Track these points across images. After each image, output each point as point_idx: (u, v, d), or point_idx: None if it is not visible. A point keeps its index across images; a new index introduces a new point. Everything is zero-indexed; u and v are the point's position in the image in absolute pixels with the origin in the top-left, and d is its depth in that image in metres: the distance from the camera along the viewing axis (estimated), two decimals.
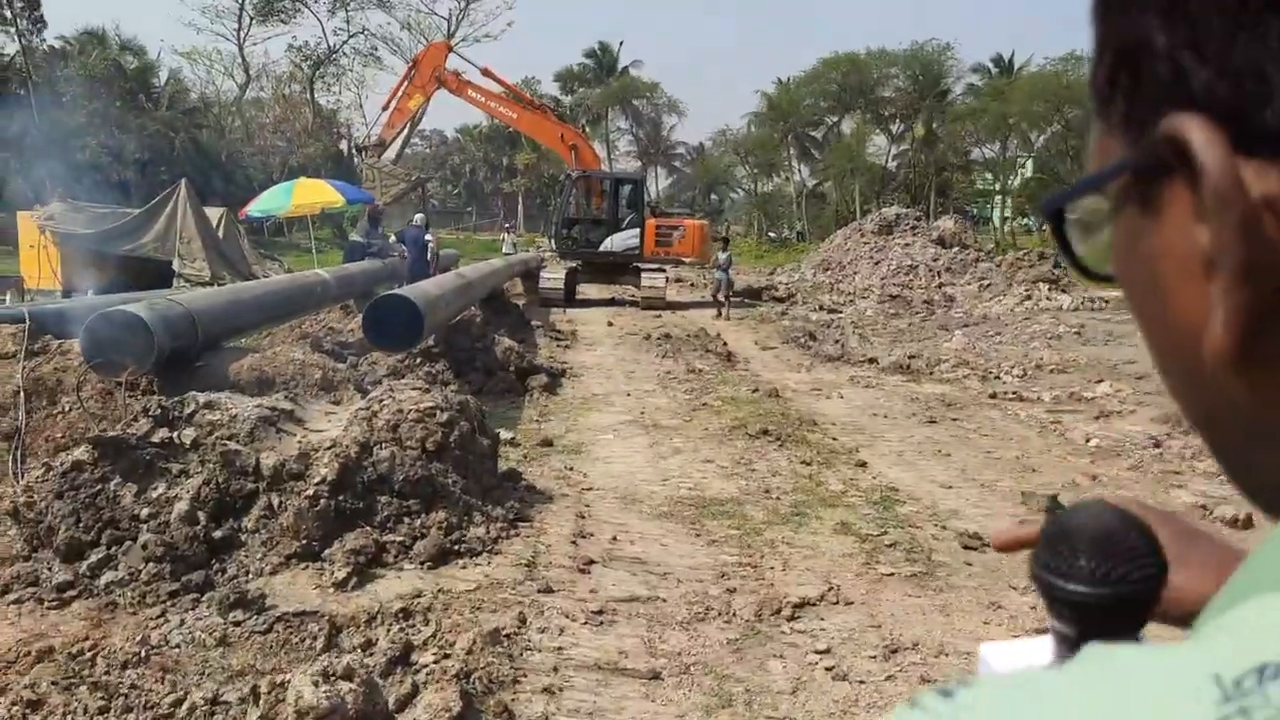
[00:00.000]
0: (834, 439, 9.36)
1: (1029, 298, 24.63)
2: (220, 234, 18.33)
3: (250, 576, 4.68)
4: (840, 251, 32.96)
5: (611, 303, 23.48)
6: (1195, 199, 0.37)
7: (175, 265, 17.06)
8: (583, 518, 6.40)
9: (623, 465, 8.11)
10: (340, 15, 52.84)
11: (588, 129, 57.41)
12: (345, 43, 53.74)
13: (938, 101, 64.14)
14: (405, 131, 54.60)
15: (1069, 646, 0.62)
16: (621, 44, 75.48)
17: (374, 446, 5.30)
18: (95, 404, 7.02)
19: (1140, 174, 0.40)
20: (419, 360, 10.58)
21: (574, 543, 5.71)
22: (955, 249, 30.41)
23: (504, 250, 29.75)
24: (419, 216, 16.96)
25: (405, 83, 22.21)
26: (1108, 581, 0.60)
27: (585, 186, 24.00)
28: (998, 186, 63.78)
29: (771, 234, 70.54)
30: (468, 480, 5.68)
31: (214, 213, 18.72)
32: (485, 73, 23.40)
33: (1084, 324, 18.77)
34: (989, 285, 26.81)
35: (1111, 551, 0.61)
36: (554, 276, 22.20)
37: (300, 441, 5.30)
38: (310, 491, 4.86)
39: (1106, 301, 24.51)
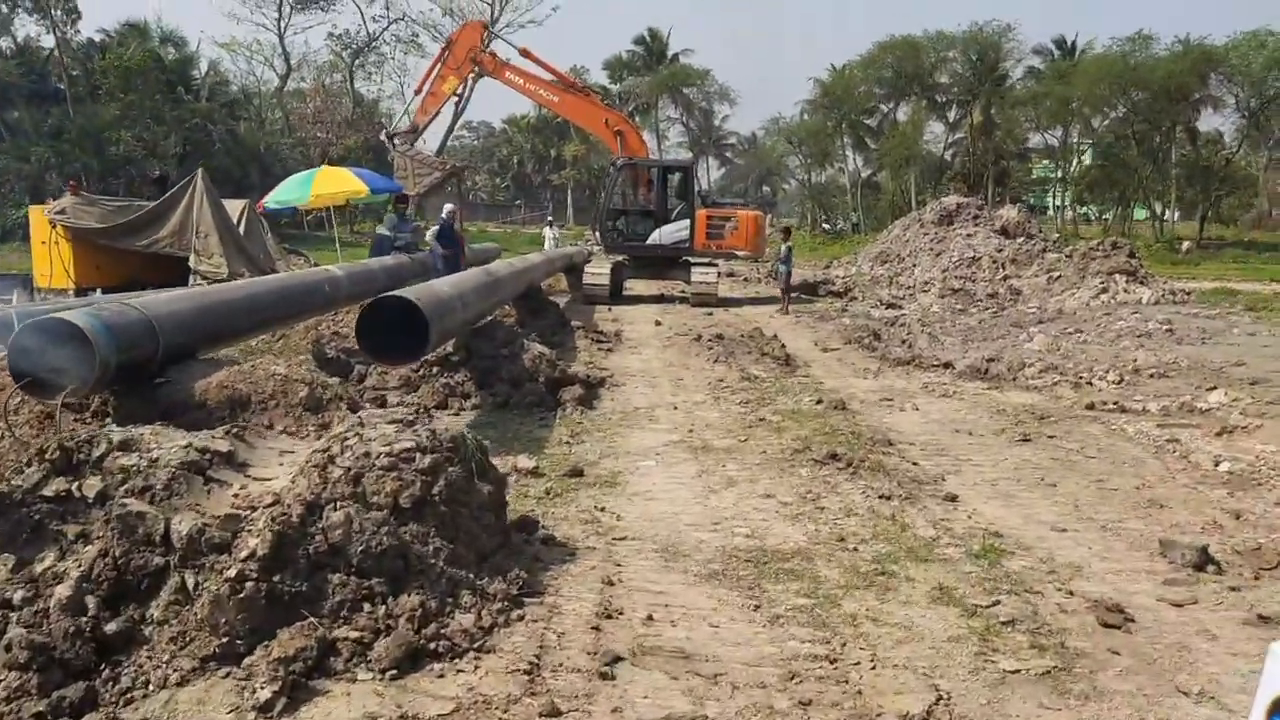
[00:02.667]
0: (914, 463, 7.95)
1: (1105, 290, 22.84)
2: (242, 228, 17.28)
3: (149, 690, 3.44)
4: (899, 243, 31.37)
5: (660, 299, 22.15)
6: None
7: (191, 261, 16.03)
8: (611, 584, 5.08)
9: (665, 503, 6.77)
10: (380, 1, 51.95)
11: (637, 118, 55.89)
12: (385, 29, 52.92)
13: (996, 86, 61.86)
14: (449, 121, 53.71)
15: None
16: (671, 30, 73.87)
17: (326, 506, 4.02)
18: (30, 431, 5.84)
19: None
20: (436, 371, 9.34)
21: (596, 628, 4.40)
22: (1020, 239, 28.70)
23: (546, 244, 28.49)
24: (448, 207, 15.75)
25: (439, 65, 21.01)
26: None
27: (632, 175, 22.66)
28: (1059, 174, 61.34)
29: (826, 225, 68.64)
30: (457, 546, 4.39)
31: (235, 205, 17.69)
32: (524, 54, 22.14)
33: (1171, 319, 17.06)
34: (1058, 278, 25.02)
35: None
36: (598, 272, 20.91)
37: (236, 496, 4.05)
38: (234, 570, 3.60)
39: (1189, 294, 22.76)
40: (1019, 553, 5.94)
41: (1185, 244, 45.82)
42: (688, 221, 21.35)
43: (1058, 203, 65.11)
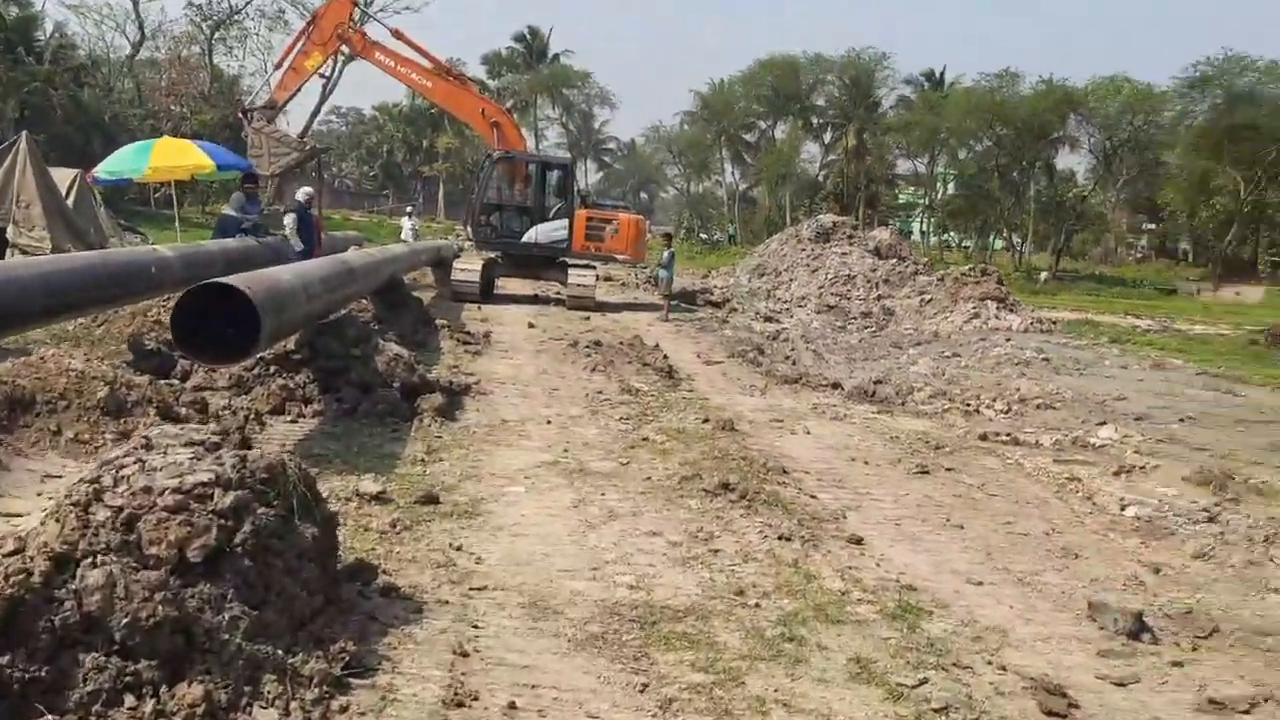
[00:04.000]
0: (812, 496, 7.20)
1: (977, 315, 22.93)
2: (71, 200, 15.49)
3: None
4: (776, 257, 31.09)
5: (534, 300, 21.08)
6: None
7: (9, 233, 14.22)
8: (465, 654, 4.10)
9: (536, 540, 5.81)
10: None
11: (515, 116, 54.69)
12: (249, 3, 49.96)
13: (869, 112, 63.15)
14: (315, 103, 51.25)
15: None
16: (552, 30, 72.75)
17: (83, 560, 2.94)
18: None
19: None
20: (273, 371, 8.13)
21: None
22: (893, 261, 28.82)
23: (404, 235, 26.86)
24: (304, 190, 14.41)
25: (303, 39, 19.48)
26: None
27: (508, 170, 21.54)
28: (925, 201, 62.94)
29: (703, 235, 68.69)
30: (265, 611, 3.34)
31: (64, 175, 15.89)
32: (396, 35, 20.76)
33: (1044, 349, 17.00)
34: (930, 300, 25.11)
35: None
36: (468, 268, 19.71)
37: None
38: None
39: (1055, 323, 23.04)
40: (938, 612, 5.21)
41: (1043, 274, 47.32)
42: (566, 221, 20.38)
43: (922, 228, 66.80)
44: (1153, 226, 64.21)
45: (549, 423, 8.97)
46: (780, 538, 6.10)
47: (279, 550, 3.56)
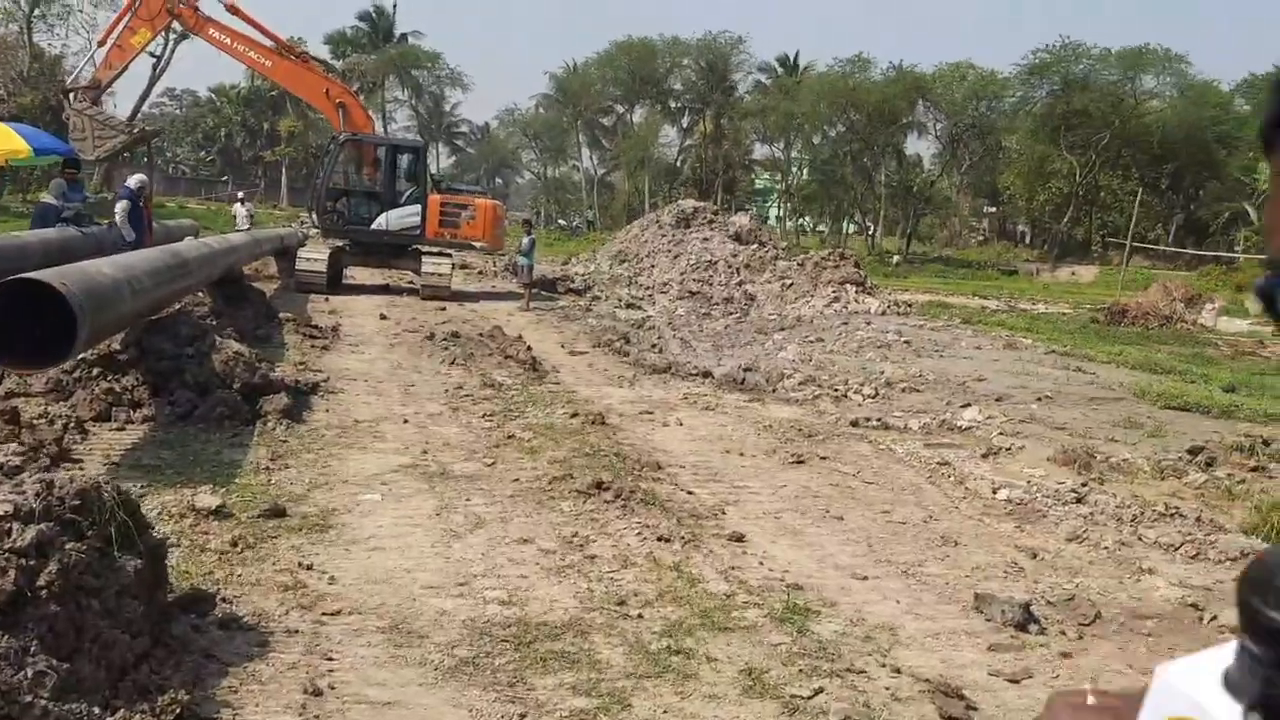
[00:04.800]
0: (689, 492, 6.91)
1: (837, 299, 23.27)
2: None
3: None
4: (637, 243, 30.89)
5: (385, 290, 20.24)
6: None
7: None
8: (318, 693, 3.62)
9: (395, 554, 5.32)
10: None
11: (362, 98, 52.80)
12: None
13: (726, 96, 63.68)
14: (145, 85, 48.30)
15: (1261, 670, 0.66)
16: (396, 6, 70.56)
17: None
18: None
19: None
20: (97, 373, 7.35)
21: None
22: (754, 246, 29.05)
23: (238, 224, 25.40)
24: (137, 177, 13.31)
25: (129, 14, 18.08)
26: None
27: (356, 153, 20.60)
28: (782, 186, 63.96)
29: (561, 221, 68.10)
30: (77, 662, 2.83)
31: None
32: (232, 10, 19.51)
33: (903, 331, 17.30)
34: (791, 285, 25.39)
35: None
36: (314, 257, 18.70)
37: None
38: None
39: (910, 306, 23.60)
40: (826, 612, 4.99)
41: (895, 258, 48.67)
42: (419, 207, 19.58)
43: (778, 213, 67.92)
44: (994, 209, 66.89)
45: (406, 422, 8.43)
46: (659, 539, 5.79)
47: (94, 589, 3.03)
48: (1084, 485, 7.55)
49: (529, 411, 9.07)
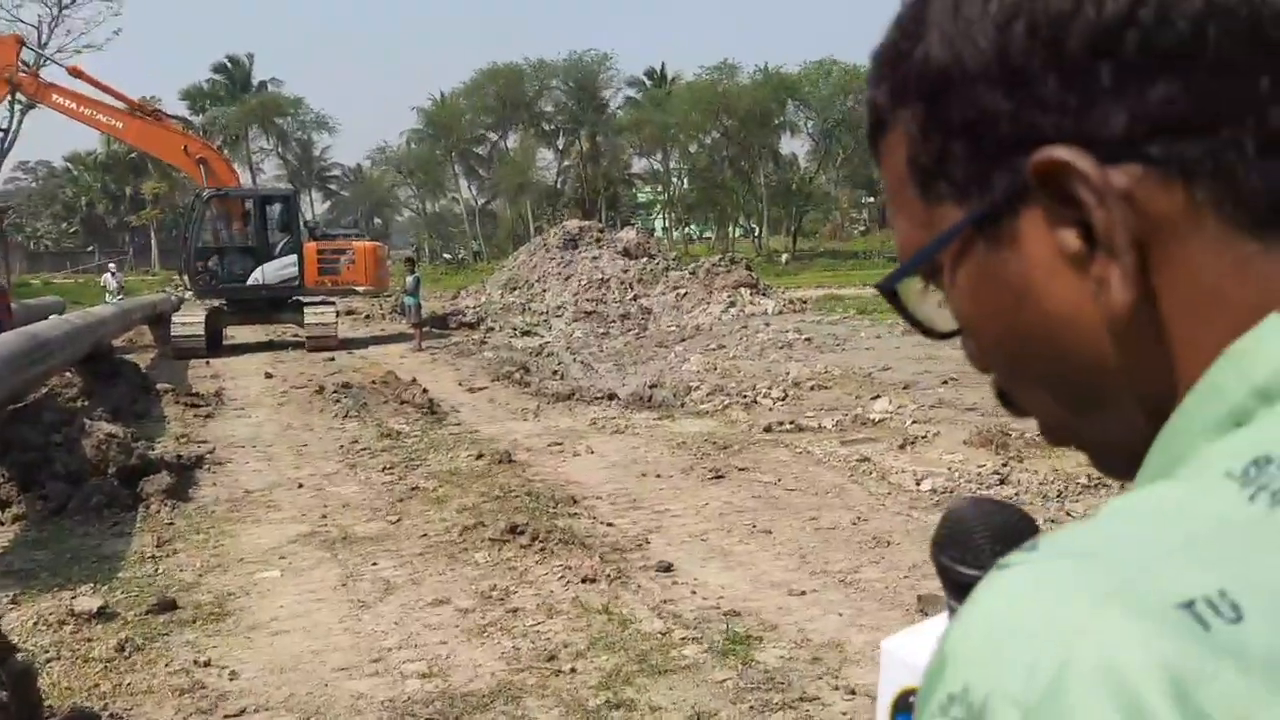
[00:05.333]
0: (609, 524, 6.60)
1: (733, 304, 23.34)
2: None
3: None
4: (526, 269, 30.56)
5: (269, 346, 19.43)
6: (1052, 213, 0.47)
7: None
8: None
9: (301, 635, 4.89)
10: None
11: (226, 151, 51.21)
12: None
13: (599, 114, 63.77)
14: None
15: None
16: (253, 57, 68.91)
17: None
18: None
19: (991, 216, 0.49)
20: None
21: None
22: (644, 259, 29.01)
23: (108, 295, 24.22)
24: None
25: None
26: None
27: (223, 208, 19.79)
28: (665, 197, 64.27)
29: (446, 255, 67.18)
30: None
31: None
32: (75, 73, 18.59)
33: (801, 329, 17.33)
34: (686, 294, 25.36)
35: (1007, 539, 0.69)
36: (189, 320, 17.88)
37: None
38: None
39: (805, 302, 23.78)
40: (768, 636, 4.73)
41: (784, 256, 49.26)
42: (295, 257, 18.91)
43: (664, 224, 68.23)
44: (871, 200, 68.38)
45: (301, 486, 7.93)
46: (584, 580, 5.46)
47: None
48: (1005, 465, 7.48)
49: (431, 458, 8.64)
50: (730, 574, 5.65)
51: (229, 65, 68.27)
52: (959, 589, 0.70)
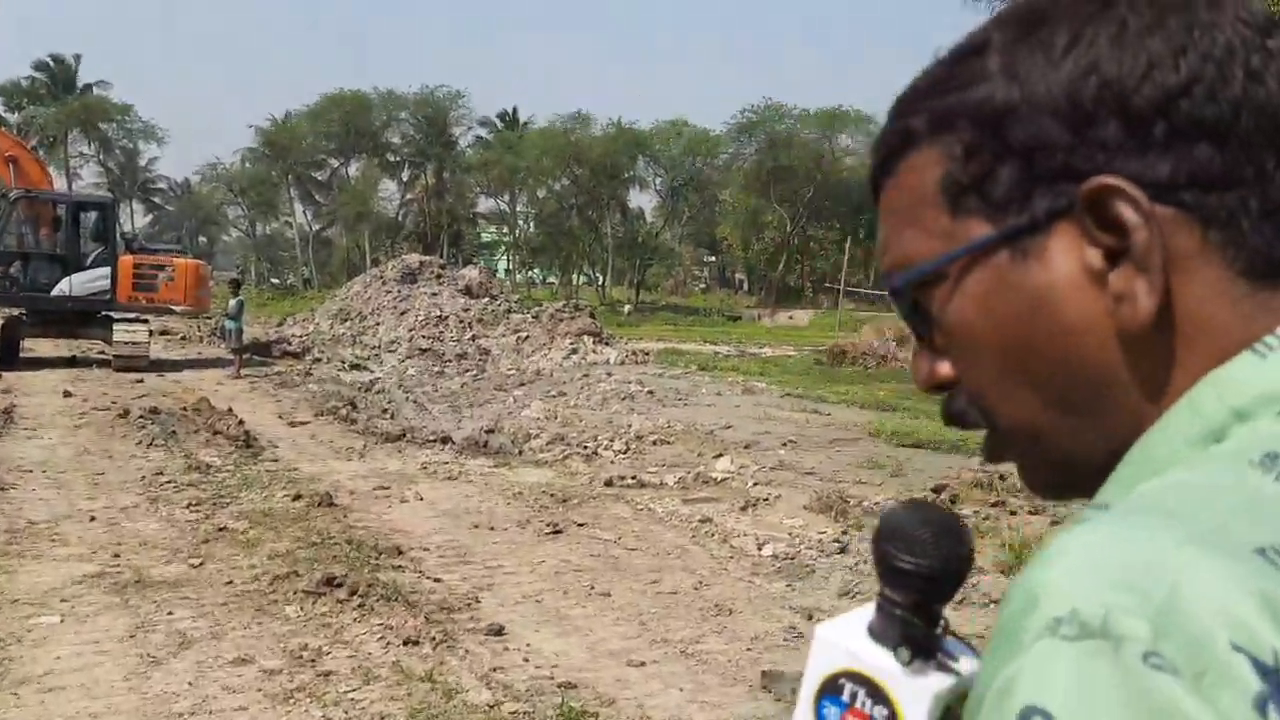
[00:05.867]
0: (437, 580, 6.15)
1: (576, 351, 23.08)
2: None
3: None
4: (360, 300, 29.51)
5: (72, 363, 17.89)
6: (1088, 233, 0.55)
7: None
8: None
9: (79, 694, 4.26)
10: None
11: (43, 154, 47.76)
12: None
13: (447, 150, 63.03)
14: None
15: (896, 612, 0.75)
16: (80, 58, 65.04)
17: None
18: None
19: (1028, 230, 0.56)
20: None
21: None
22: (485, 299, 28.56)
23: None
24: None
25: None
26: (947, 556, 0.75)
27: (31, 211, 18.22)
28: (510, 238, 63.89)
29: (275, 280, 64.55)
30: None
31: None
32: None
33: (644, 380, 17.20)
34: (527, 338, 25.01)
35: (947, 533, 0.76)
36: None
37: None
38: None
39: (647, 354, 23.77)
40: (605, 713, 4.40)
41: (626, 307, 49.48)
42: (108, 270, 17.56)
43: (507, 266, 67.75)
44: (713, 258, 69.86)
45: (93, 519, 7.13)
46: (406, 642, 5.00)
47: None
48: (844, 534, 7.41)
49: (243, 496, 7.95)
50: (566, 640, 5.29)
51: (51, 64, 64.18)
52: (900, 574, 0.76)
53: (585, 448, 10.74)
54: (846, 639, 0.77)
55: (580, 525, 7.66)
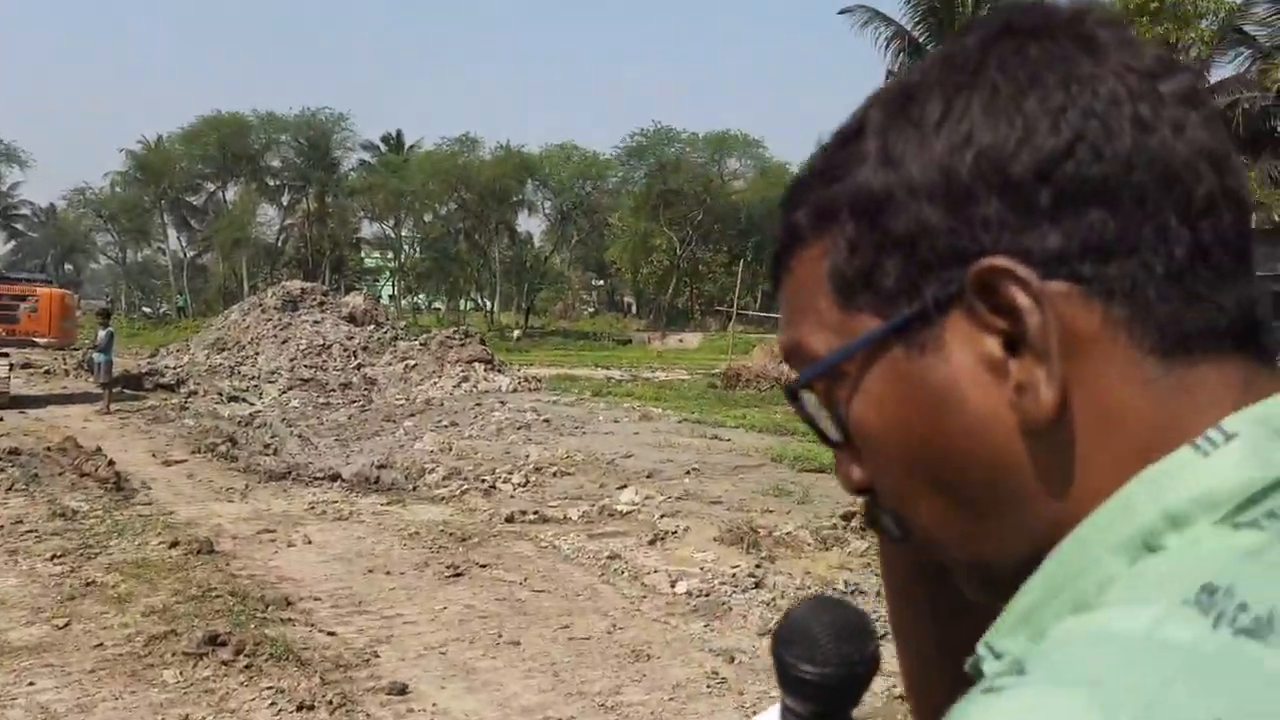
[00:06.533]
0: (331, 633, 5.70)
1: (467, 379, 22.58)
2: None
3: None
4: (238, 329, 28.42)
5: None
6: (980, 321, 0.50)
7: None
8: None
9: None
10: None
11: None
12: None
13: (329, 174, 61.58)
14: None
15: (796, 718, 0.76)
16: None
17: None
18: None
19: (918, 320, 0.52)
20: None
21: None
22: (370, 327, 27.87)
23: None
24: None
25: None
26: (849, 662, 0.75)
27: None
28: (395, 263, 62.69)
29: (147, 309, 61.88)
30: None
31: None
32: None
33: (538, 408, 16.83)
34: (415, 365, 24.39)
35: (849, 636, 0.75)
36: None
37: None
38: None
39: (540, 381, 23.42)
40: None
41: (515, 333, 48.93)
42: None
43: (392, 292, 66.43)
44: (601, 282, 69.79)
45: None
46: (300, 707, 4.58)
47: None
48: (758, 566, 7.21)
49: (114, 545, 7.33)
50: (475, 697, 4.93)
51: None
52: (799, 685, 0.72)
53: (483, 481, 10.34)
54: None
55: (483, 566, 7.28)
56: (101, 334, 16.79)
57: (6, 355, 16.66)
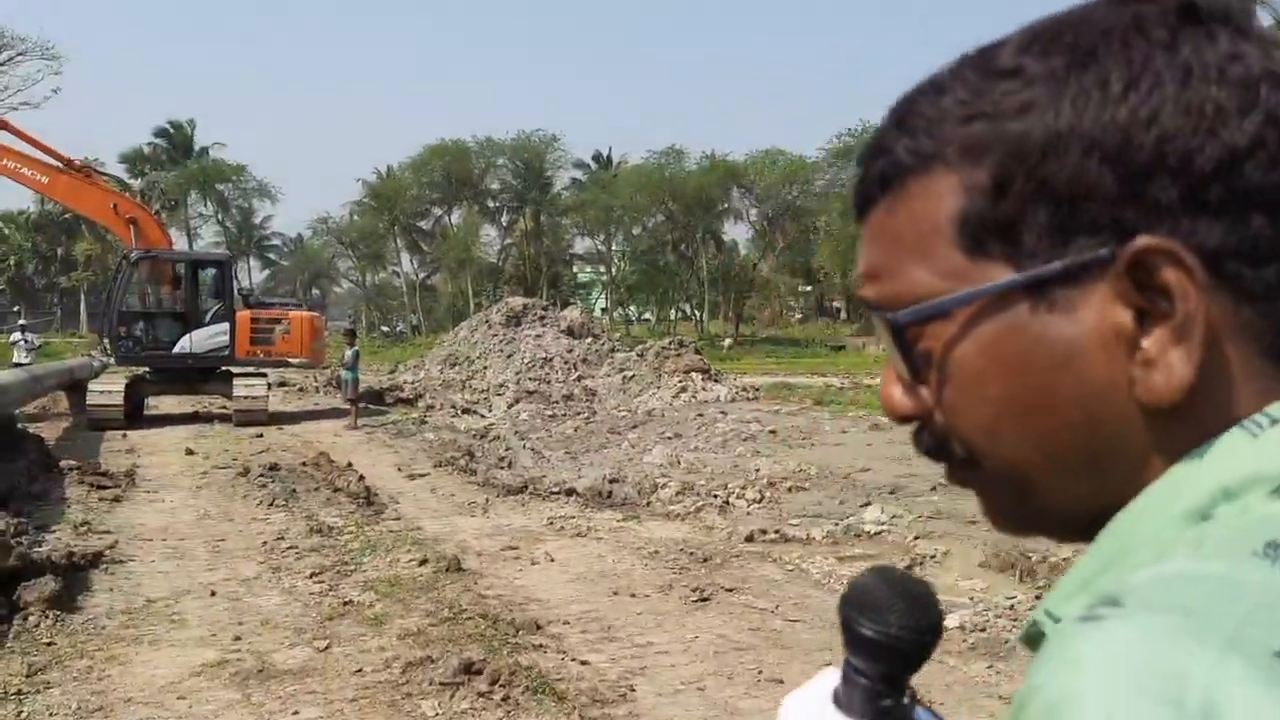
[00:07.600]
0: (583, 662, 5.51)
1: (685, 389, 22.46)
2: None
3: None
4: (467, 345, 29.57)
5: (194, 419, 18.01)
6: (1123, 293, 0.50)
7: None
8: None
9: None
10: None
11: (164, 216, 49.30)
12: None
13: (543, 193, 63.52)
14: None
15: (862, 681, 0.75)
16: (194, 123, 67.69)
17: None
18: None
19: (1057, 280, 0.52)
20: None
21: None
22: (588, 339, 28.27)
23: (17, 358, 22.43)
24: None
25: None
26: (919, 629, 0.75)
27: (152, 271, 18.50)
28: (605, 278, 63.88)
29: (385, 328, 65.71)
30: None
31: None
32: (2, 125, 17.39)
33: (761, 419, 16.45)
34: (633, 377, 24.51)
35: (917, 602, 0.76)
36: (108, 389, 16.47)
37: None
38: None
39: (758, 389, 23.04)
40: None
41: (727, 341, 48.76)
42: (226, 325, 17.68)
43: (604, 305, 67.75)
44: (809, 288, 68.59)
45: (213, 594, 6.72)
46: None
47: None
48: (1037, 597, 6.55)
49: (367, 562, 7.48)
50: None
51: (170, 130, 66.91)
52: (865, 644, 0.74)
53: (716, 497, 10.05)
54: (808, 709, 0.76)
55: (729, 591, 6.95)
56: (348, 352, 17.70)
57: (264, 375, 17.84)
